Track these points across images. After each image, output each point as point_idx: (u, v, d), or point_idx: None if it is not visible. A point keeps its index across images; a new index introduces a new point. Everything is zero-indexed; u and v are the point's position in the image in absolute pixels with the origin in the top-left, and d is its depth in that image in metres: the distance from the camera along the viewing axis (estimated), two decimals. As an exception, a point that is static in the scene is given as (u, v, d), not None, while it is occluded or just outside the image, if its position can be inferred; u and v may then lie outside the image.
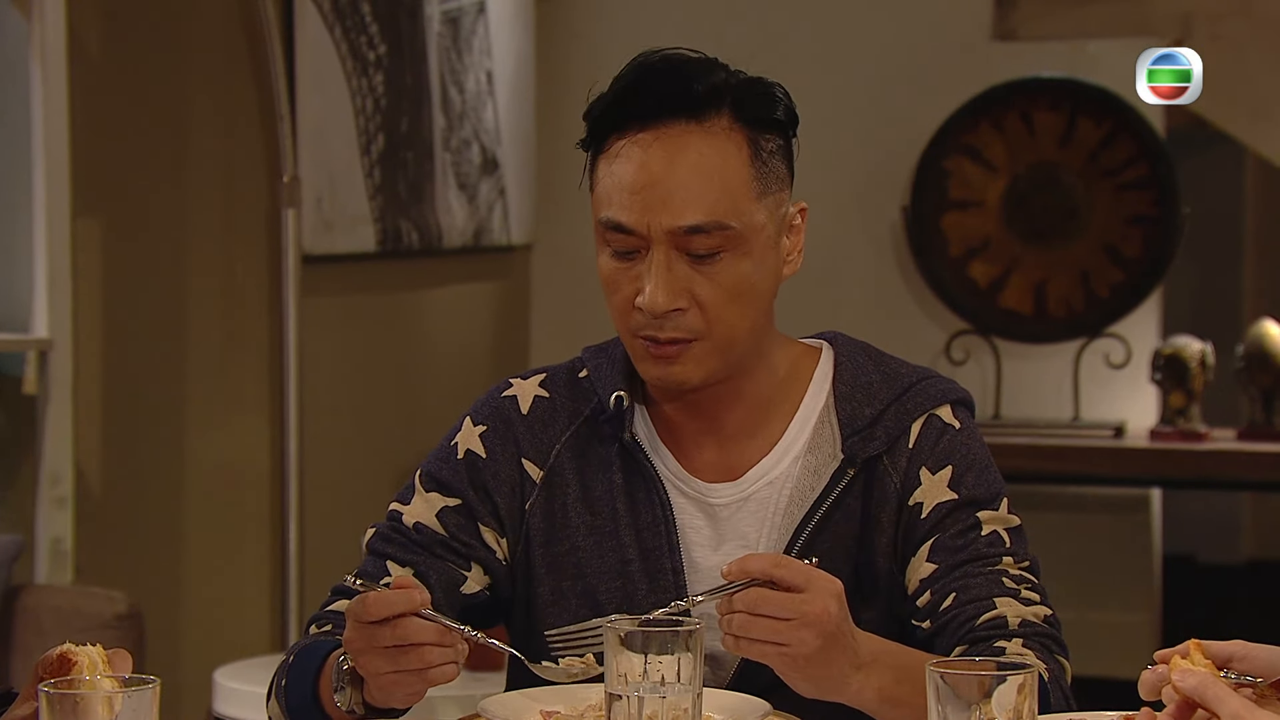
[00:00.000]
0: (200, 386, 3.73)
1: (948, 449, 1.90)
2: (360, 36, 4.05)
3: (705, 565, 1.89)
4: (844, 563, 1.87)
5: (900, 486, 1.89)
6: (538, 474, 1.94)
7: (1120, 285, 4.75)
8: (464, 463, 1.94)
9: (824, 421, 1.92)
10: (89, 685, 1.35)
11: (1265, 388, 4.52)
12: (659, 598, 1.86)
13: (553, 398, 1.97)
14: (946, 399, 1.93)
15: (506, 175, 4.73)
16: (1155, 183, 4.71)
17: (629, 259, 1.83)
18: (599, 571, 1.91)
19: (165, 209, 3.68)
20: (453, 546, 1.92)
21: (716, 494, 1.91)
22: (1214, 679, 1.41)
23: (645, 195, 1.81)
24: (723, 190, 1.81)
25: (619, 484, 1.91)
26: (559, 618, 1.92)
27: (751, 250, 1.83)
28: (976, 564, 1.86)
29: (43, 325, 3.36)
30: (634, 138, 1.83)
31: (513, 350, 4.94)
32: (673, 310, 1.81)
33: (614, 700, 1.56)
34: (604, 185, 1.85)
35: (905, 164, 4.80)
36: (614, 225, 1.83)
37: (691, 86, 1.82)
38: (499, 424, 1.96)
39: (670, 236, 1.80)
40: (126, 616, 3.12)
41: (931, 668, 1.46)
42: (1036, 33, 4.82)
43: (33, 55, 3.35)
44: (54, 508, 3.36)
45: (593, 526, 1.92)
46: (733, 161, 1.82)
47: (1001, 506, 1.90)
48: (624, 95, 1.84)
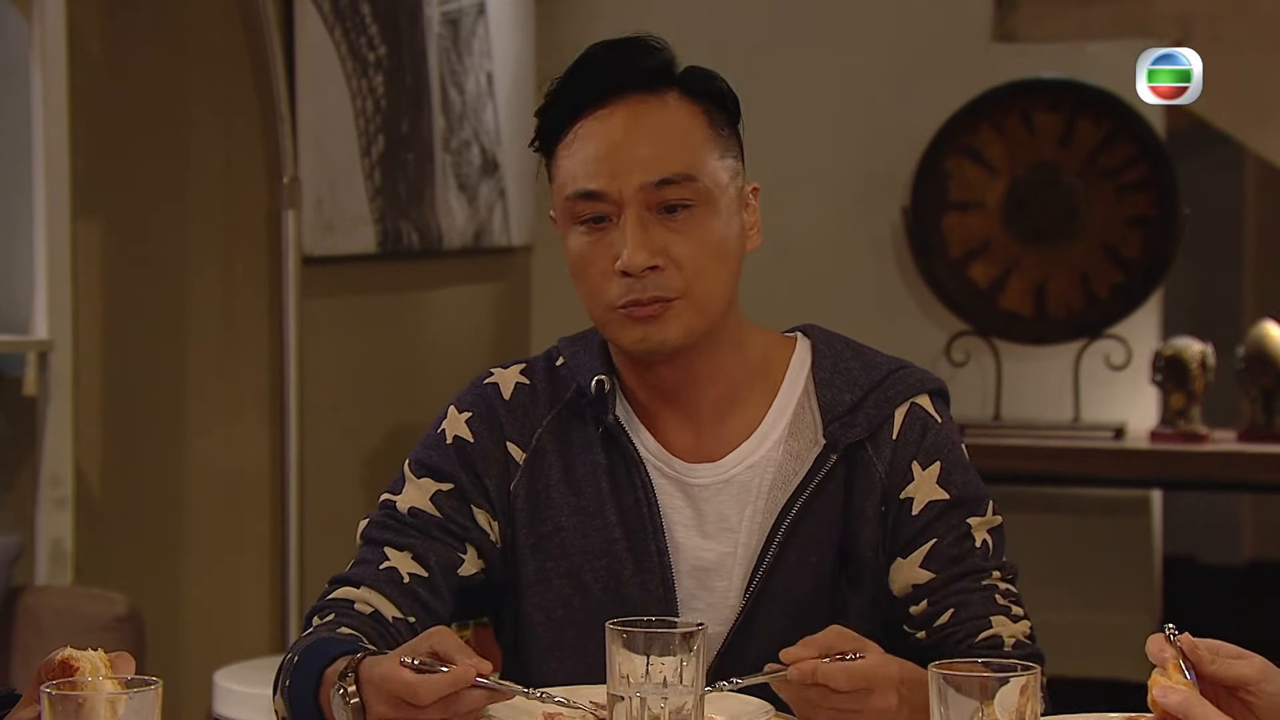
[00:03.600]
0: (200, 387, 3.73)
1: (934, 444, 1.93)
2: (360, 38, 4.05)
3: (686, 545, 1.92)
4: (827, 548, 1.89)
5: (885, 476, 1.91)
6: (521, 456, 1.96)
7: (1120, 286, 4.75)
8: (453, 447, 1.97)
9: (804, 407, 1.94)
10: (91, 687, 1.35)
11: (1266, 389, 4.52)
12: (644, 579, 1.90)
13: (533, 385, 2.00)
14: (925, 388, 1.96)
15: (506, 176, 4.73)
16: (1155, 184, 4.71)
17: (600, 228, 1.87)
18: (583, 551, 1.93)
19: (165, 210, 3.68)
20: (449, 529, 1.94)
21: (696, 474, 1.93)
22: (1198, 697, 1.42)
23: (611, 160, 1.86)
24: (684, 145, 1.87)
25: (601, 465, 1.94)
26: (543, 599, 1.93)
27: (719, 208, 1.88)
28: (972, 578, 1.89)
29: (43, 326, 3.36)
30: (590, 116, 1.88)
31: (513, 351, 4.94)
32: (650, 269, 1.85)
33: (616, 701, 1.56)
34: (566, 167, 1.89)
35: (905, 165, 4.80)
36: (583, 194, 1.87)
37: (639, 61, 1.89)
38: (483, 409, 1.99)
39: (641, 194, 1.85)
40: (126, 618, 3.12)
41: (934, 669, 1.46)
42: (1036, 34, 4.82)
43: (33, 57, 3.35)
44: (54, 509, 3.36)
45: (576, 507, 1.94)
46: (689, 122, 1.88)
47: (988, 510, 1.93)
48: (577, 78, 1.89)
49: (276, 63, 3.74)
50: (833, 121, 4.77)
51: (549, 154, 1.92)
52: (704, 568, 1.91)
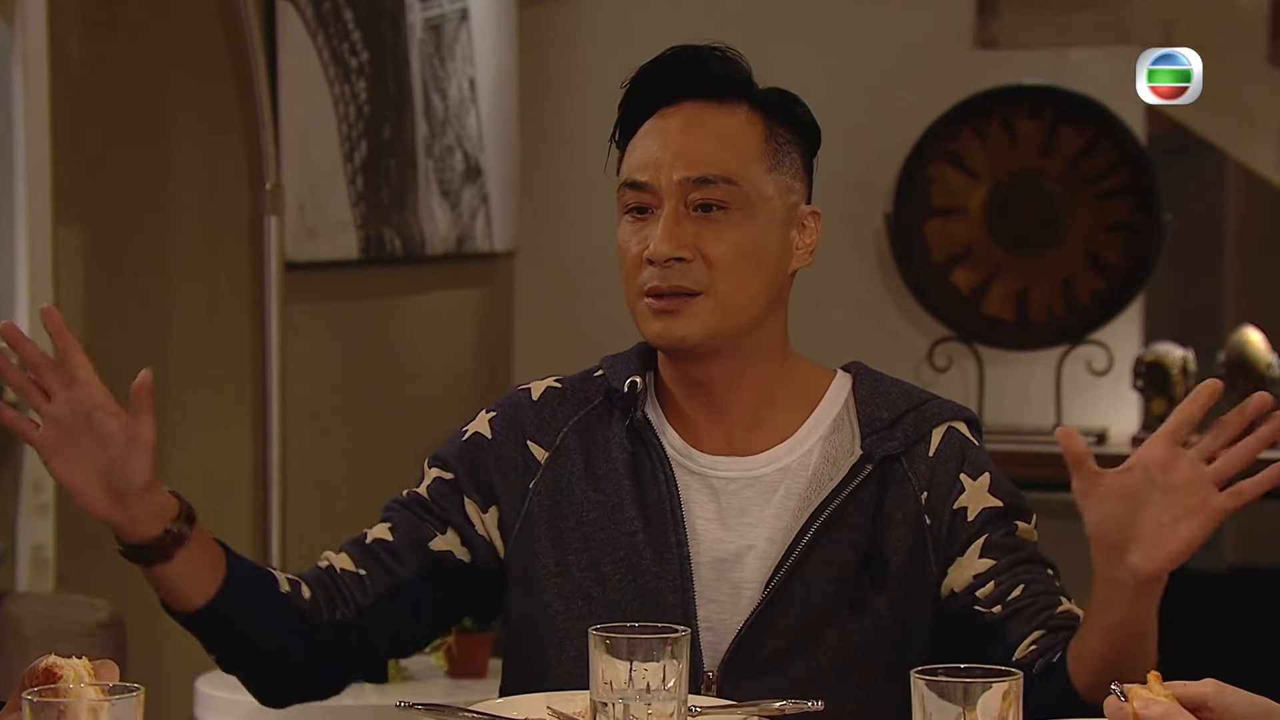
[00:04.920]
0: (182, 393, 3.72)
1: (977, 459, 1.98)
2: (343, 44, 4.05)
3: (707, 537, 1.95)
4: (853, 551, 1.92)
5: (920, 489, 1.94)
6: (543, 455, 2.00)
7: (1102, 292, 4.76)
8: (466, 443, 2.03)
9: (843, 420, 1.98)
10: (74, 694, 1.35)
11: (1246, 395, 4.50)
12: (663, 569, 1.93)
13: (564, 389, 2.05)
14: (962, 416, 2.01)
15: (489, 182, 4.73)
16: (1136, 190, 4.72)
17: (642, 218, 1.94)
18: (603, 544, 1.95)
19: (147, 216, 3.67)
20: (431, 510, 2.00)
21: (721, 468, 1.97)
22: (1179, 709, 1.43)
23: (660, 154, 1.94)
24: (732, 151, 1.94)
25: (624, 460, 1.97)
26: (563, 589, 1.96)
27: (757, 215, 1.95)
28: (1036, 565, 1.93)
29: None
30: (658, 115, 1.97)
31: (496, 356, 4.94)
32: (675, 259, 1.90)
33: (599, 707, 1.56)
34: (628, 160, 1.97)
35: (888, 171, 4.80)
36: (631, 183, 1.95)
37: (709, 70, 1.98)
38: (508, 409, 2.04)
39: (680, 188, 1.92)
40: (108, 624, 3.11)
41: (916, 675, 1.46)
42: (1018, 41, 4.83)
43: (14, 62, 3.34)
44: (35, 515, 3.35)
45: (597, 501, 1.97)
46: (746, 131, 1.97)
47: (1032, 521, 1.98)
48: (653, 78, 1.99)
49: (259, 68, 3.73)
50: (815, 128, 4.77)
51: (622, 148, 2.00)
52: (723, 559, 1.94)
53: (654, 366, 2.03)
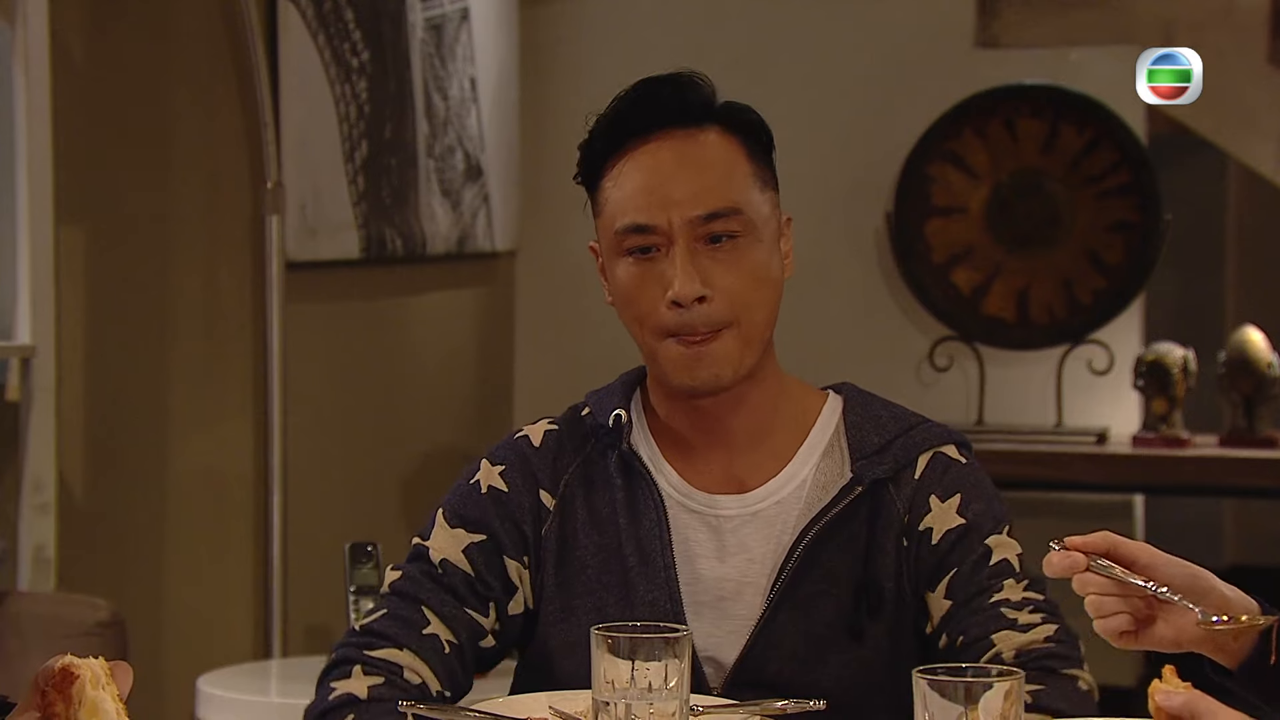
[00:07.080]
0: (184, 393, 3.72)
1: (955, 479, 1.96)
2: (343, 43, 4.05)
3: (710, 576, 1.95)
4: (847, 577, 1.92)
5: (903, 512, 1.94)
6: (551, 502, 1.99)
7: (1103, 292, 4.76)
8: (488, 497, 2.00)
9: (834, 446, 1.99)
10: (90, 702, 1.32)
11: (1247, 394, 4.53)
12: (654, 595, 1.93)
13: (560, 430, 2.03)
14: (952, 439, 2.00)
15: (490, 182, 4.73)
16: (1137, 190, 4.72)
17: (648, 258, 1.92)
18: (606, 586, 1.96)
19: (149, 215, 3.67)
20: (476, 589, 1.96)
21: (721, 506, 1.97)
22: (1200, 695, 1.43)
23: (660, 193, 1.91)
24: (730, 180, 1.92)
25: (621, 500, 1.97)
26: (568, 635, 1.95)
27: (763, 238, 1.94)
28: (979, 598, 1.91)
29: (26, 332, 3.35)
30: (637, 149, 1.93)
31: (497, 356, 4.94)
32: (699, 300, 1.89)
33: (601, 707, 1.56)
34: (614, 200, 1.94)
35: (888, 170, 4.80)
36: (634, 228, 1.92)
37: (685, 96, 1.94)
38: (515, 459, 2.02)
39: (690, 226, 1.90)
40: (109, 624, 3.11)
41: (918, 674, 1.46)
42: (1019, 40, 4.83)
43: (16, 62, 3.34)
44: (37, 515, 3.35)
45: (599, 545, 1.97)
46: (733, 156, 1.94)
47: (1005, 531, 1.95)
48: (623, 113, 1.95)
49: (260, 68, 3.74)
50: (815, 127, 4.77)
51: (592, 186, 1.98)
52: (725, 596, 1.95)
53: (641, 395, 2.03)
